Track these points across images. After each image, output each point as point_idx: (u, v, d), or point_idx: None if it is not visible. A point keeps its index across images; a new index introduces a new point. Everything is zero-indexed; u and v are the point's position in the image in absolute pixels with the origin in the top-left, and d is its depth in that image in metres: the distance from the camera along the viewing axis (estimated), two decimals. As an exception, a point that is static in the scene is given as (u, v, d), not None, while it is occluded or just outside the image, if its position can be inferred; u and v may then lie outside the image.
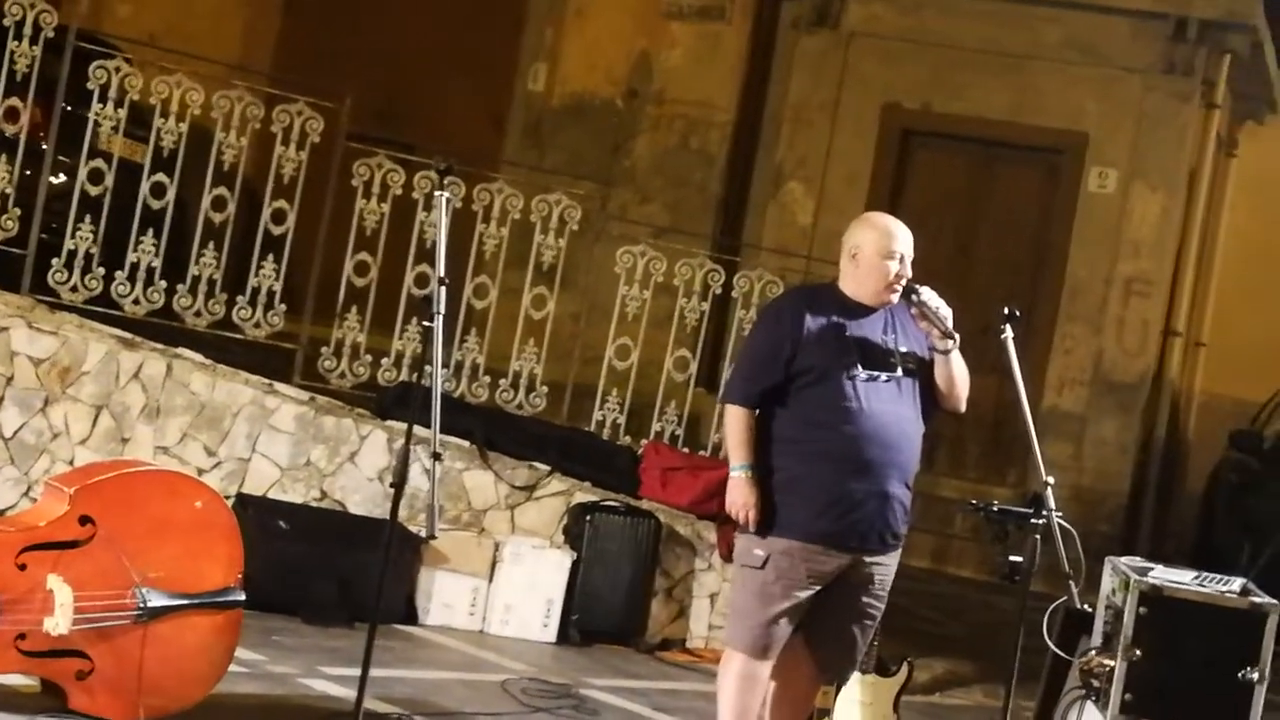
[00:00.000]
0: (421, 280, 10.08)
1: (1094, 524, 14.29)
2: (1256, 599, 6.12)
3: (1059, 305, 15.35)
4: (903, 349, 6.45)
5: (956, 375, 6.50)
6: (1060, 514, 6.67)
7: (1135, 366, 15.33)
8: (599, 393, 10.77)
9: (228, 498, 7.95)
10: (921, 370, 6.49)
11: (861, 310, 6.47)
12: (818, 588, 6.36)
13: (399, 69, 17.63)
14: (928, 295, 6.44)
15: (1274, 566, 12.10)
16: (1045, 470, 6.70)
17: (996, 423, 14.81)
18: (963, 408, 6.64)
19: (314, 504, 9.51)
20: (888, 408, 6.37)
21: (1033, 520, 6.55)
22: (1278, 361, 16.43)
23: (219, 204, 9.90)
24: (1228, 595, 6.13)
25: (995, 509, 6.95)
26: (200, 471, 9.28)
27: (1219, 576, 6.32)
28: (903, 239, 6.48)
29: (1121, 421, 15.27)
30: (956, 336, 6.45)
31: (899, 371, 6.42)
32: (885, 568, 6.48)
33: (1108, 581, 6.36)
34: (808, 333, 6.38)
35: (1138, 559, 6.51)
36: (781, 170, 15.96)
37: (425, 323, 6.10)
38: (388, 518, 6.35)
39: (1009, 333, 6.69)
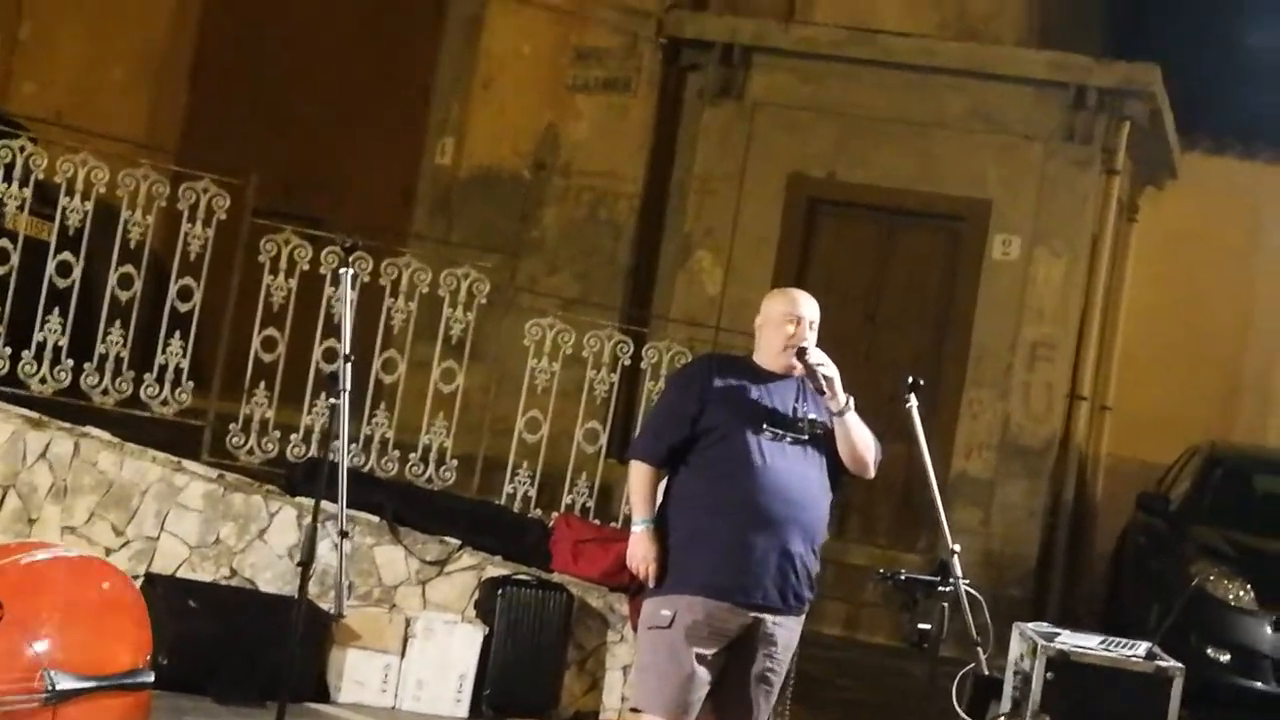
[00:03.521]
0: (330, 355, 10.00)
1: (1004, 588, 14.36)
2: (1162, 662, 6.19)
3: (965, 371, 15.42)
4: (812, 416, 6.54)
5: (856, 439, 6.55)
6: (967, 580, 6.73)
7: (1042, 431, 15.42)
8: (509, 465, 10.76)
9: (136, 577, 7.90)
10: (829, 439, 6.56)
11: (772, 378, 6.58)
12: (723, 644, 6.38)
13: (307, 142, 17.61)
14: (813, 354, 6.51)
15: (1180, 628, 12.18)
16: (951, 537, 6.77)
17: (906, 490, 14.86)
18: (871, 473, 6.70)
19: (224, 582, 9.45)
20: (793, 466, 6.45)
21: (940, 588, 6.62)
22: (1182, 424, 16.60)
23: (125, 282, 9.87)
24: (1133, 659, 6.21)
25: (903, 577, 7.01)
26: (108, 551, 9.22)
27: (1125, 640, 6.39)
28: (804, 304, 6.62)
29: (1029, 485, 15.34)
30: (843, 398, 6.50)
31: (805, 436, 6.50)
32: (786, 631, 6.50)
33: (1016, 647, 6.42)
34: (716, 392, 6.50)
35: (1045, 624, 6.58)
36: (690, 240, 16.00)
37: (332, 400, 6.09)
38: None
39: (914, 402, 6.78)
